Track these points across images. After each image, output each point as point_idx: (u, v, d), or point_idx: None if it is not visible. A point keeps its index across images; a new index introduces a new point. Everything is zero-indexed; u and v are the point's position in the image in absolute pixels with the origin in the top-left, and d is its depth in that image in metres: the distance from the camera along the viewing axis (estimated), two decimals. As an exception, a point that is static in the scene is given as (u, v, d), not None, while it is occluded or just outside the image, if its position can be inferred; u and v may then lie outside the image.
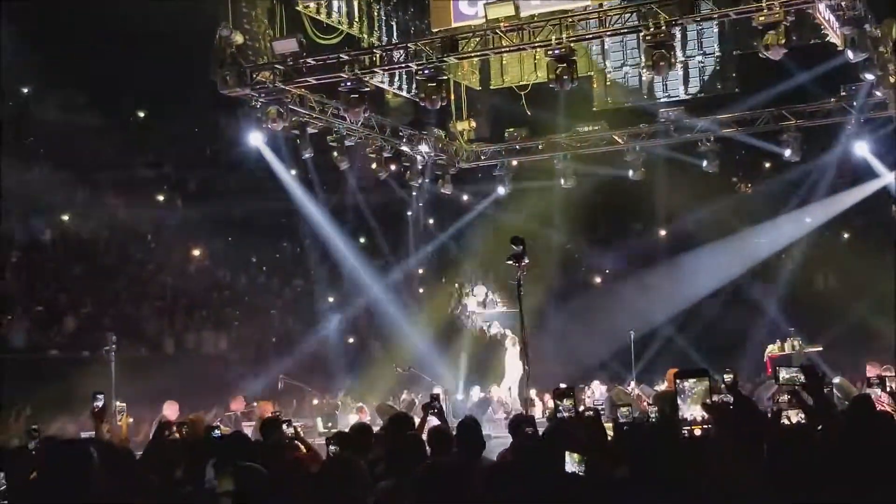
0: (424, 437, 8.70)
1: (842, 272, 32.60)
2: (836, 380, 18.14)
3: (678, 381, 5.80)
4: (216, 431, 8.50)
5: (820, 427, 6.12)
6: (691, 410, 5.66)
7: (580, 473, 6.02)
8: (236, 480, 5.58)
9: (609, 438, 9.33)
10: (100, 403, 8.50)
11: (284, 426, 9.16)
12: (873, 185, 26.64)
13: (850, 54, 17.72)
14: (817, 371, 6.33)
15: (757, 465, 5.57)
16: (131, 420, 16.30)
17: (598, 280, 38.31)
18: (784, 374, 6.59)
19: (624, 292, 33.95)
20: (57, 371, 22.00)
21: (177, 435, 8.18)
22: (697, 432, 5.70)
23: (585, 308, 33.78)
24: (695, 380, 5.56)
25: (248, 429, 14.53)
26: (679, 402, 5.78)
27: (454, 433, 8.67)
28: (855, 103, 22.43)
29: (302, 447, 9.46)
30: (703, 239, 32.92)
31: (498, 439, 13.71)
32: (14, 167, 27.27)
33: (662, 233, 35.94)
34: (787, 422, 7.44)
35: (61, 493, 5.34)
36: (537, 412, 20.78)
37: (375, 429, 11.48)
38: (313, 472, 7.13)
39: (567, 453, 6.13)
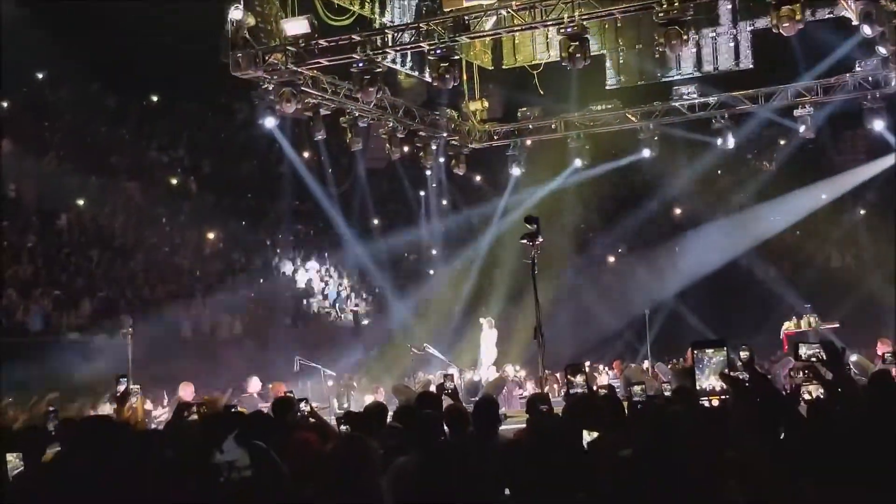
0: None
1: (857, 249, 32.49)
2: (854, 357, 18.07)
3: (696, 352, 5.79)
4: (233, 410, 8.53)
5: (840, 403, 6.10)
6: (709, 381, 5.65)
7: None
8: (252, 456, 5.62)
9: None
10: (122, 387, 8.55)
11: (301, 404, 9.15)
12: (888, 160, 26.51)
13: (865, 29, 17.57)
14: (837, 347, 6.30)
15: (772, 440, 5.56)
16: (147, 401, 16.41)
17: (611, 259, 38.26)
18: (804, 350, 6.55)
19: (638, 271, 33.95)
20: (74, 353, 22.12)
21: (195, 415, 8.21)
22: (715, 402, 5.69)
23: (600, 287, 33.82)
24: (712, 350, 5.54)
25: (264, 409, 14.60)
26: (697, 372, 5.77)
27: (471, 411, 8.69)
28: (870, 78, 22.32)
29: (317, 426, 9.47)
30: (717, 216, 32.85)
31: (513, 418, 13.77)
32: (29, 152, 27.41)
33: (677, 211, 35.86)
34: (807, 396, 7.40)
35: (79, 471, 5.37)
36: (553, 391, 20.81)
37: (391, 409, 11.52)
38: (327, 451, 7.14)
39: (585, 432, 6.14)
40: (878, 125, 23.22)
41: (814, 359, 6.48)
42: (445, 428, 8.22)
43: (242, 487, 5.45)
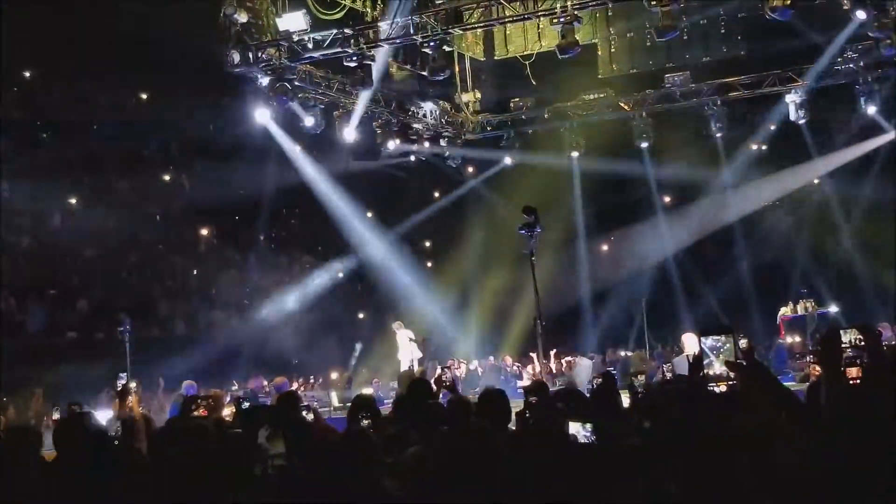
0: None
1: (853, 232, 32.39)
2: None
3: (702, 338, 5.80)
4: (245, 404, 8.56)
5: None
6: (717, 367, 5.66)
7: (592, 441, 6.03)
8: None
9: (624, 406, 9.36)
10: (122, 382, 8.55)
11: (304, 412, 8.92)
12: (877, 140, 26.48)
13: (858, 13, 17.64)
14: (874, 330, 6.31)
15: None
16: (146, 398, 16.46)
17: (604, 248, 38.23)
18: (847, 336, 6.59)
19: (629, 258, 33.97)
20: (73, 353, 22.15)
21: (202, 411, 8.23)
22: (723, 388, 5.70)
23: (592, 275, 33.85)
24: (720, 337, 5.56)
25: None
26: (704, 358, 5.77)
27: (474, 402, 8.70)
28: (862, 63, 22.36)
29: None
30: (704, 199, 32.72)
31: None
32: (20, 152, 27.34)
33: (667, 199, 35.74)
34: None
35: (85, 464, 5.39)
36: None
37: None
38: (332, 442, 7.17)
39: (572, 422, 6.15)
40: (871, 109, 23.32)
41: (853, 344, 6.51)
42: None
43: (281, 475, 5.49)
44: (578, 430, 6.13)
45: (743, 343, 11.07)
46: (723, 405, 5.42)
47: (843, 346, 6.34)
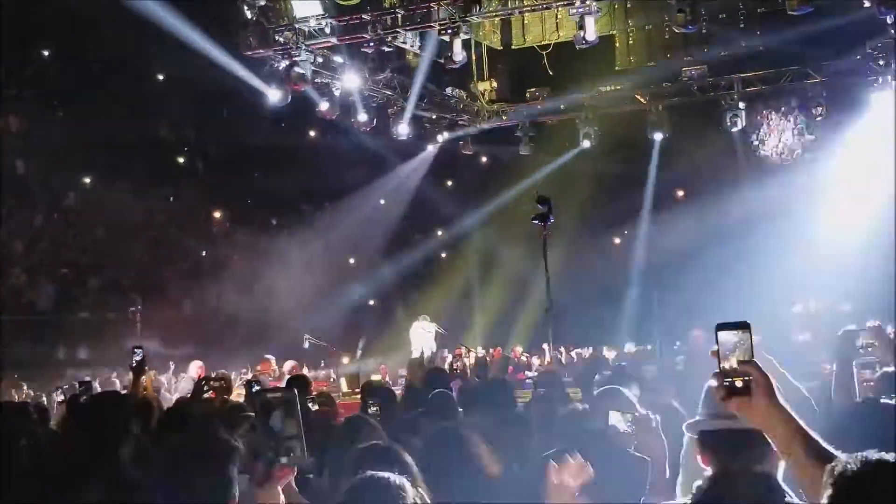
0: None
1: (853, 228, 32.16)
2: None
3: (718, 333, 5.79)
4: (255, 386, 8.55)
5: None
6: (732, 363, 5.63)
7: (628, 431, 6.02)
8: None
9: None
10: (138, 358, 8.49)
11: (310, 403, 8.90)
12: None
13: (877, 9, 17.52)
14: (886, 332, 6.31)
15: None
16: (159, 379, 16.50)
17: (616, 241, 38.18)
18: (861, 339, 6.58)
19: (640, 252, 33.88)
20: (85, 331, 22.23)
21: (212, 393, 8.25)
22: (739, 384, 5.65)
23: (604, 270, 33.80)
24: (736, 332, 5.50)
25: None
26: (720, 355, 5.75)
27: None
28: (882, 61, 22.20)
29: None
30: (714, 197, 32.59)
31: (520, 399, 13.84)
32: (35, 132, 27.39)
33: (680, 193, 35.67)
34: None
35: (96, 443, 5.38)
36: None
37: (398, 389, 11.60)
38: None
39: (611, 412, 6.14)
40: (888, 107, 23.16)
41: (869, 348, 6.50)
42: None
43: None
44: (619, 420, 6.13)
45: (756, 339, 11.06)
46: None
47: (857, 347, 6.32)
